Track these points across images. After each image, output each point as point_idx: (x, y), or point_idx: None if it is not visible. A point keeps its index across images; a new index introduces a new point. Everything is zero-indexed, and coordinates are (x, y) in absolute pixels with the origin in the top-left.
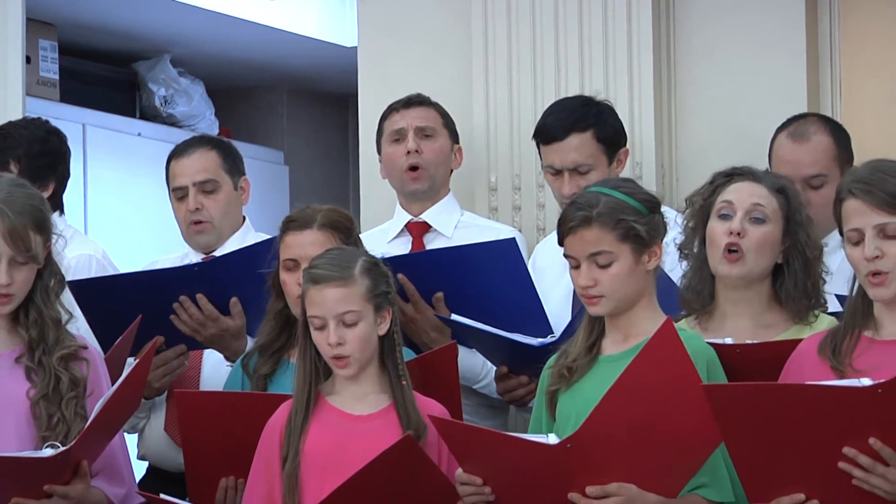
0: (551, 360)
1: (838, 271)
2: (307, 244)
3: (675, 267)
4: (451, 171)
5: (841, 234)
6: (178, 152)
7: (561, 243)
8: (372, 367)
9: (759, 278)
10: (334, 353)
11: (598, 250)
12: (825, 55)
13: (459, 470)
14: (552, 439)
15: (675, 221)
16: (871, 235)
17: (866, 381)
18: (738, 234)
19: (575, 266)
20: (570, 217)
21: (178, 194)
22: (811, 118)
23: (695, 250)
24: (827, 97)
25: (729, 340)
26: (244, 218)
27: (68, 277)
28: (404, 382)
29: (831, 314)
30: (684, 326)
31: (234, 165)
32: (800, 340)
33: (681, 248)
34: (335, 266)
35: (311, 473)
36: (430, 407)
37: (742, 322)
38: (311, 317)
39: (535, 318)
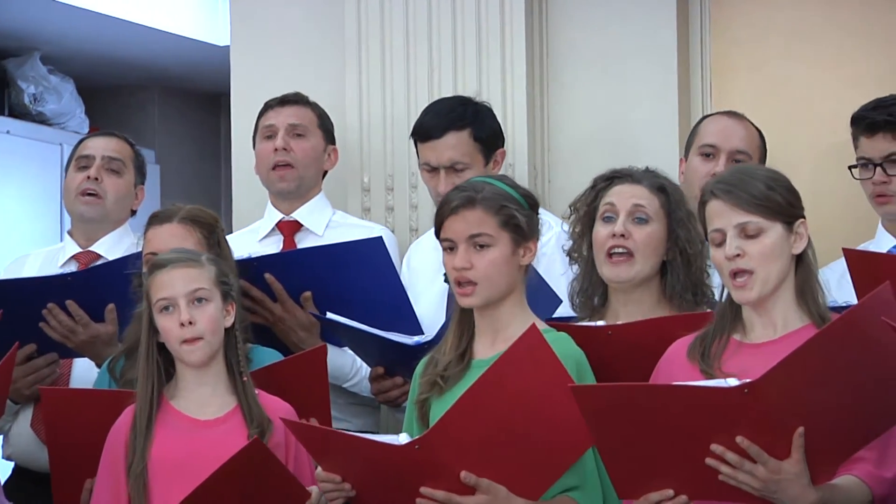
0: (420, 369)
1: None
2: (167, 237)
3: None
4: (325, 171)
5: (706, 237)
6: (90, 136)
7: (439, 229)
8: (217, 366)
9: (647, 278)
10: (186, 334)
11: (479, 232)
12: (696, 58)
13: (319, 469)
14: (403, 439)
15: (549, 224)
16: (733, 235)
17: (733, 382)
18: (623, 235)
19: (450, 248)
20: (454, 198)
21: (81, 163)
22: None
23: (584, 253)
24: (697, 100)
25: (601, 323)
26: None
27: None
28: (245, 379)
29: None
30: None
31: (140, 168)
32: (668, 318)
33: (569, 253)
34: (181, 252)
35: (158, 480)
36: (275, 404)
37: (632, 320)
38: (160, 300)
39: (404, 316)
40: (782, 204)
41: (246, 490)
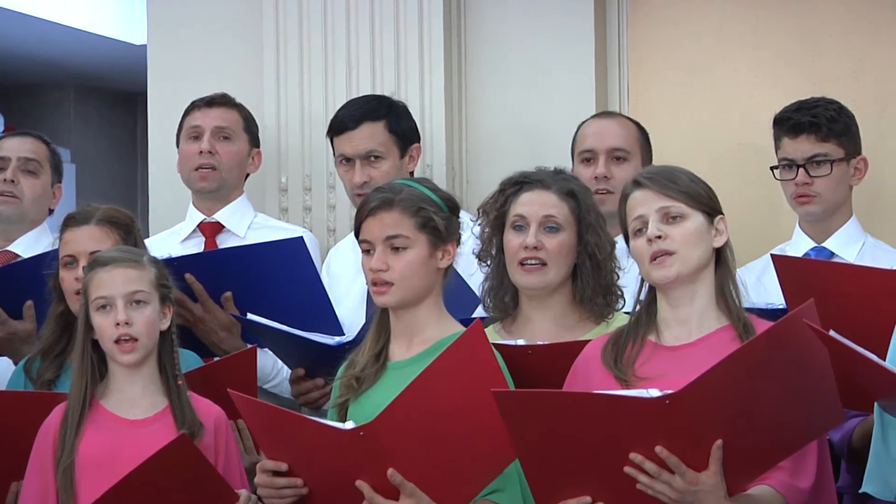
0: (340, 371)
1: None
2: (85, 239)
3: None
4: (247, 174)
5: (626, 238)
6: (5, 137)
7: (358, 229)
8: (150, 367)
9: (560, 283)
10: (121, 332)
11: (396, 233)
12: (613, 58)
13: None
14: (348, 425)
15: (465, 224)
16: (655, 219)
17: (654, 392)
18: (535, 247)
19: (368, 250)
20: (372, 199)
21: None
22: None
23: (493, 254)
24: (615, 101)
25: (521, 342)
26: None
27: None
28: (180, 382)
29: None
30: (491, 332)
31: (57, 167)
32: (588, 341)
33: (479, 256)
34: (124, 252)
35: (86, 478)
36: (208, 408)
37: (545, 325)
38: (98, 298)
39: (324, 317)
40: (703, 196)
41: (170, 486)
